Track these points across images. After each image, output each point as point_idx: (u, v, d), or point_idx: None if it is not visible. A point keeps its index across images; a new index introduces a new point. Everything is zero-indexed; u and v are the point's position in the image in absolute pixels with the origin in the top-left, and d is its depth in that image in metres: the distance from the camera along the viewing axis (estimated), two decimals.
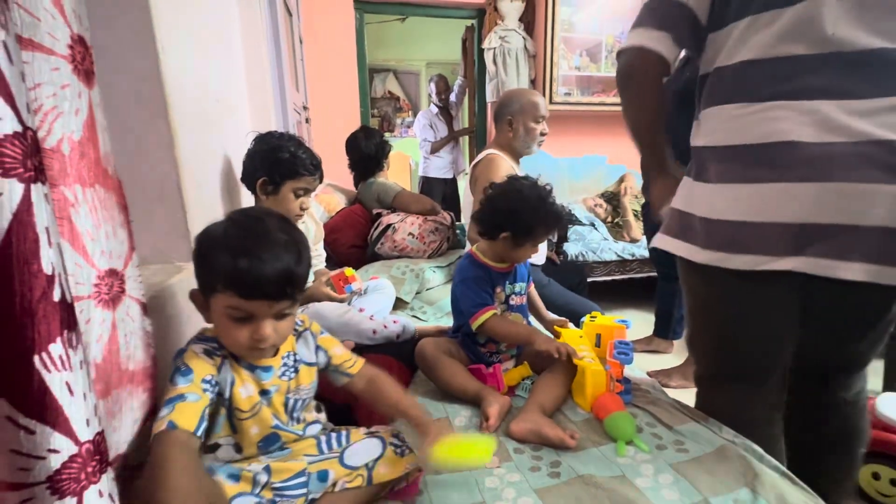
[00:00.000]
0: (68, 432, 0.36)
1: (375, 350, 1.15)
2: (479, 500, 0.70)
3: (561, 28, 3.04)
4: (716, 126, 0.77)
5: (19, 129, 0.33)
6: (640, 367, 1.24)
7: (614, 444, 0.83)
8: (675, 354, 2.04)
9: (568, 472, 0.76)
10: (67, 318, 0.37)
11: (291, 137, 1.15)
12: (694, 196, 0.80)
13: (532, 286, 1.19)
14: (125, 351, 0.58)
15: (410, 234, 1.82)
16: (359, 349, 1.15)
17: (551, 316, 1.26)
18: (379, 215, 1.93)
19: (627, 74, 0.85)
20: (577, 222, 2.62)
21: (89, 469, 0.38)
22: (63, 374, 0.36)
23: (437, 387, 1.01)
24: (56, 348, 0.35)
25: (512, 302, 1.10)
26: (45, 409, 0.35)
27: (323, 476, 0.65)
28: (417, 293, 1.59)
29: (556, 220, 1.04)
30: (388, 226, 1.84)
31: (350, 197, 2.28)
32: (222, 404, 0.63)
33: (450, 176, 3.49)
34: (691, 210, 0.80)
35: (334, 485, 0.66)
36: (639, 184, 2.76)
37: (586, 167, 3.23)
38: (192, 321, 0.84)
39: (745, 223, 0.72)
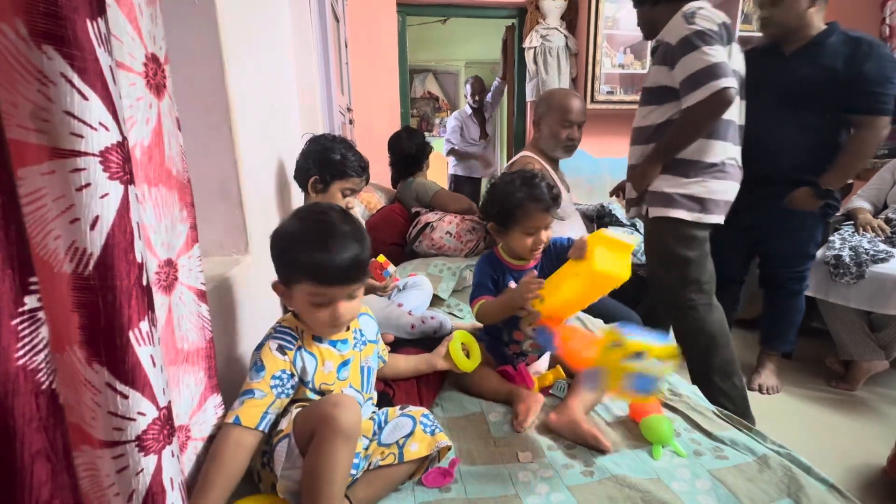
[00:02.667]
0: (152, 398, 0.42)
1: (413, 344, 1.18)
2: (513, 493, 0.73)
3: (604, 25, 2.97)
4: (705, 150, 1.36)
5: (119, 139, 0.38)
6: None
7: (650, 446, 0.82)
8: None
9: (601, 472, 0.77)
10: (149, 300, 0.43)
11: (343, 140, 1.21)
12: (702, 186, 1.37)
13: None
14: (178, 332, 0.64)
15: (448, 232, 1.85)
16: (397, 343, 1.19)
17: None
18: (418, 214, 1.97)
19: (728, 105, 1.25)
20: (618, 223, 2.55)
21: (165, 431, 0.45)
22: (149, 348, 0.42)
23: (471, 391, 1.02)
24: (144, 325, 0.41)
25: None
26: (136, 378, 0.41)
27: (368, 458, 0.71)
28: (454, 291, 1.63)
29: (534, 200, 0.96)
30: (427, 224, 1.88)
31: (389, 196, 2.35)
32: (306, 387, 0.72)
33: (477, 175, 3.50)
34: (700, 195, 1.37)
35: (370, 463, 0.71)
36: None
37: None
38: (248, 309, 0.91)
39: (724, 201, 1.40)
